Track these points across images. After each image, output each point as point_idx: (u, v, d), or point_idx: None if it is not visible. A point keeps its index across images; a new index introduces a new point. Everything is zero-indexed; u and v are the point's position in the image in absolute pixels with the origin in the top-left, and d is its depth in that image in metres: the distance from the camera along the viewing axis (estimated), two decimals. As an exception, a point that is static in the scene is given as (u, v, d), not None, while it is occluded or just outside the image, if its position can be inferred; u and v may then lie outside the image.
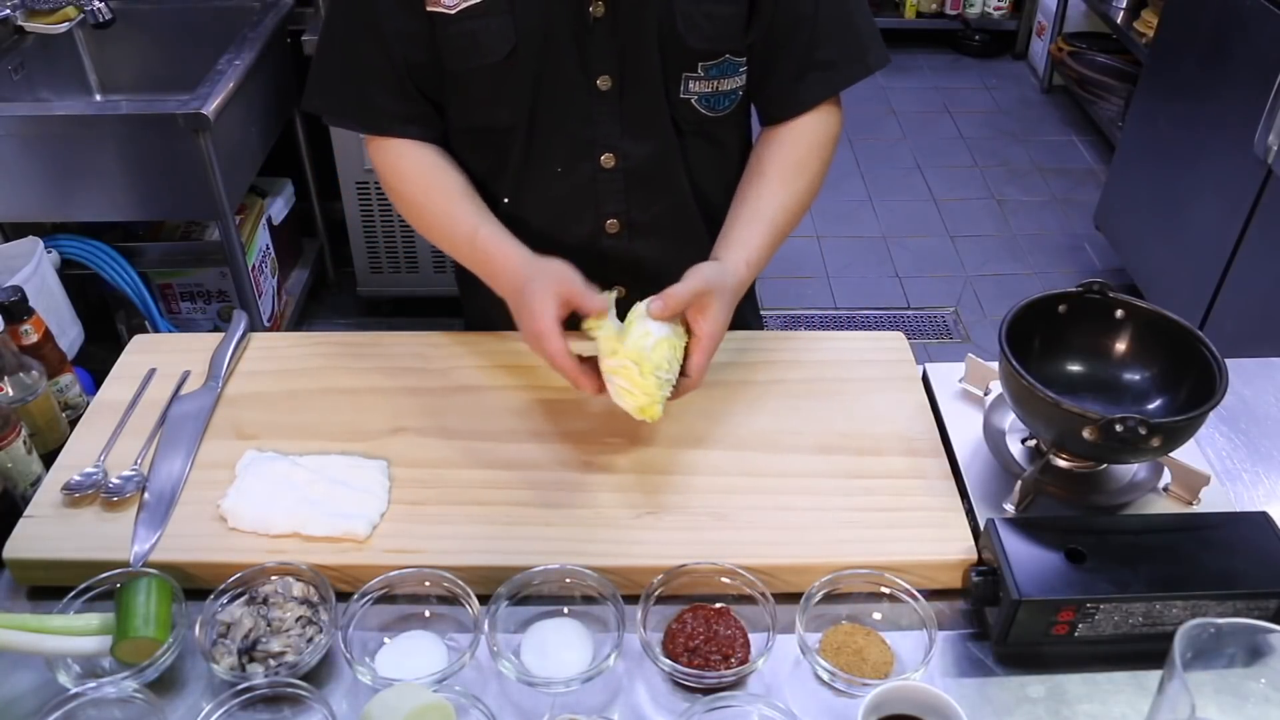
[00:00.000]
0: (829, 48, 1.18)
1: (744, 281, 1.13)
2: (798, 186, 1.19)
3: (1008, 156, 3.92)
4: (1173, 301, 2.76)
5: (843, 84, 1.21)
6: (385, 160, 1.21)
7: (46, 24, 2.41)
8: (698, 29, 1.12)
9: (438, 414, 1.17)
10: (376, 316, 3.04)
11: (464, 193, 1.19)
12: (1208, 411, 0.97)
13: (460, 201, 1.18)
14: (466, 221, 1.16)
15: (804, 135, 1.21)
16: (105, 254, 2.38)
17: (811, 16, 1.16)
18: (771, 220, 1.17)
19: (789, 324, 3.06)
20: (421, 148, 1.20)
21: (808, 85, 1.19)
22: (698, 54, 1.14)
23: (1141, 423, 0.93)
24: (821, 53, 1.18)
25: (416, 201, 1.20)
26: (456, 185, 1.19)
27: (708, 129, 1.21)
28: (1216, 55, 2.59)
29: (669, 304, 1.03)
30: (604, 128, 1.17)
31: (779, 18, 1.15)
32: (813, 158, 1.21)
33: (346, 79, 1.19)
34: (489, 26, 1.10)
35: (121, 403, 1.18)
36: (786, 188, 1.19)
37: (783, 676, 0.94)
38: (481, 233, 1.15)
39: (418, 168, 1.19)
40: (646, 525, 1.03)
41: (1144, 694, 0.91)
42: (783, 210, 1.18)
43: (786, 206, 1.18)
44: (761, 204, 1.17)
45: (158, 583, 0.95)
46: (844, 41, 1.19)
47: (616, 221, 1.24)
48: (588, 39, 1.11)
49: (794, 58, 1.18)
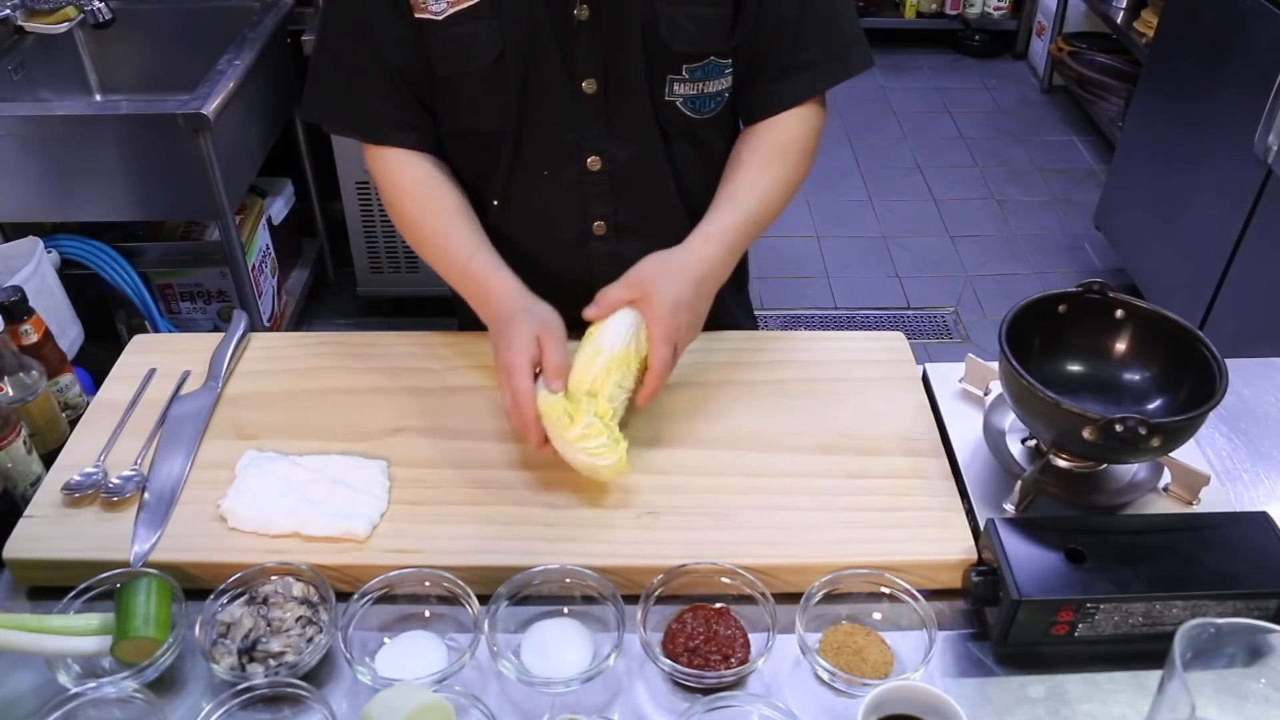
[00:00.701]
0: (813, 49, 1.18)
1: (706, 257, 1.12)
2: (774, 171, 1.19)
3: (1008, 156, 3.92)
4: (1173, 301, 2.76)
5: (824, 85, 1.20)
6: (383, 172, 1.21)
7: (46, 24, 2.41)
8: (681, 31, 1.12)
9: (438, 414, 1.17)
10: (376, 316, 3.04)
11: (460, 213, 1.20)
12: (1208, 411, 0.97)
13: (456, 222, 1.19)
14: (463, 245, 1.17)
15: (784, 129, 1.21)
16: (105, 254, 2.38)
17: (796, 18, 1.16)
18: (744, 200, 1.16)
19: (789, 324, 3.05)
20: (419, 160, 1.21)
21: (789, 86, 1.19)
22: (681, 56, 1.15)
23: (1141, 423, 0.93)
24: (805, 54, 1.18)
25: (413, 219, 1.21)
26: (453, 204, 1.20)
27: (693, 131, 1.22)
28: (1216, 55, 2.59)
29: (600, 303, 1.06)
30: (589, 131, 1.18)
31: (763, 19, 1.15)
32: (792, 148, 1.20)
33: (343, 88, 1.19)
34: (476, 32, 1.11)
35: (121, 403, 1.18)
36: (764, 171, 1.18)
37: (783, 676, 0.94)
38: (477, 259, 1.16)
39: (415, 183, 1.20)
40: (646, 525, 1.03)
41: (1144, 694, 0.91)
42: (756, 190, 1.17)
43: (760, 187, 1.17)
44: (733, 186, 1.18)
45: (158, 583, 0.95)
46: (828, 43, 1.19)
47: (603, 224, 1.24)
48: (572, 42, 1.12)
49: (777, 59, 1.18)
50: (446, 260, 1.19)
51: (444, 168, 1.23)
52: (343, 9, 1.16)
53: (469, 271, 1.16)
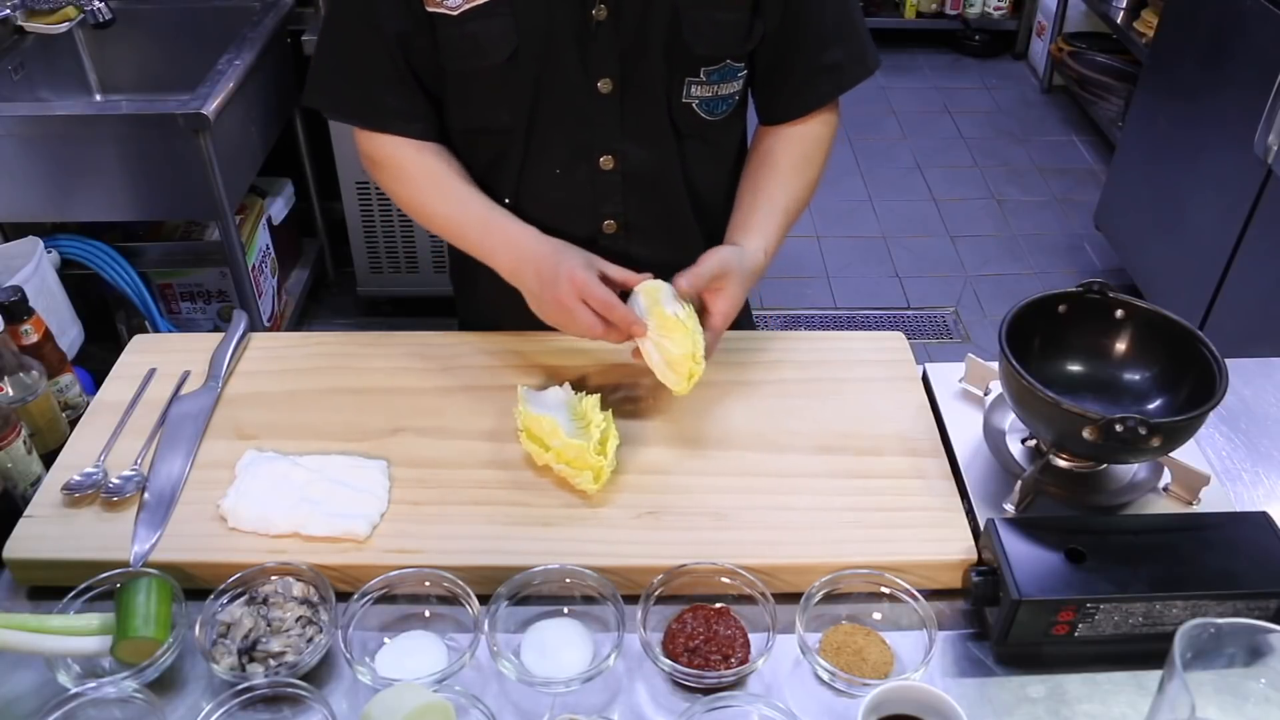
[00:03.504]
0: (835, 50, 1.19)
1: (761, 269, 1.17)
2: (807, 178, 1.23)
3: (1008, 156, 3.92)
4: (1173, 301, 2.76)
5: (849, 85, 1.22)
6: (389, 158, 1.20)
7: (46, 24, 2.40)
8: (703, 35, 1.13)
9: (438, 414, 1.17)
10: (376, 316, 3.03)
11: (469, 184, 1.21)
12: (1208, 412, 0.97)
13: (470, 189, 1.20)
14: (477, 207, 1.18)
15: (810, 132, 1.23)
16: (105, 254, 2.38)
17: (819, 20, 1.17)
18: (785, 210, 1.20)
19: (789, 324, 3.05)
20: (422, 147, 1.20)
21: (815, 87, 1.21)
22: (701, 59, 1.15)
23: (1141, 422, 0.93)
24: (829, 55, 1.19)
25: (421, 199, 1.21)
26: (464, 176, 1.21)
27: (705, 132, 1.22)
28: (1216, 55, 2.59)
29: (693, 282, 1.09)
30: (603, 130, 1.17)
31: (787, 21, 1.16)
32: (818, 154, 1.24)
33: (349, 76, 1.19)
34: (491, 28, 1.10)
35: (121, 403, 1.18)
36: (798, 178, 1.22)
37: (783, 676, 0.94)
38: (495, 216, 1.18)
39: (422, 170, 1.20)
40: (646, 525, 1.03)
41: (1144, 694, 0.91)
42: (795, 201, 1.22)
43: (798, 198, 1.22)
44: (777, 194, 1.20)
45: (158, 583, 0.95)
46: (849, 43, 1.20)
47: (614, 223, 1.24)
48: (590, 42, 1.11)
49: (803, 61, 1.19)
50: (462, 222, 1.20)
51: (450, 155, 1.22)
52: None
53: (489, 227, 1.17)
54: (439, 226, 1.23)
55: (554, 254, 1.12)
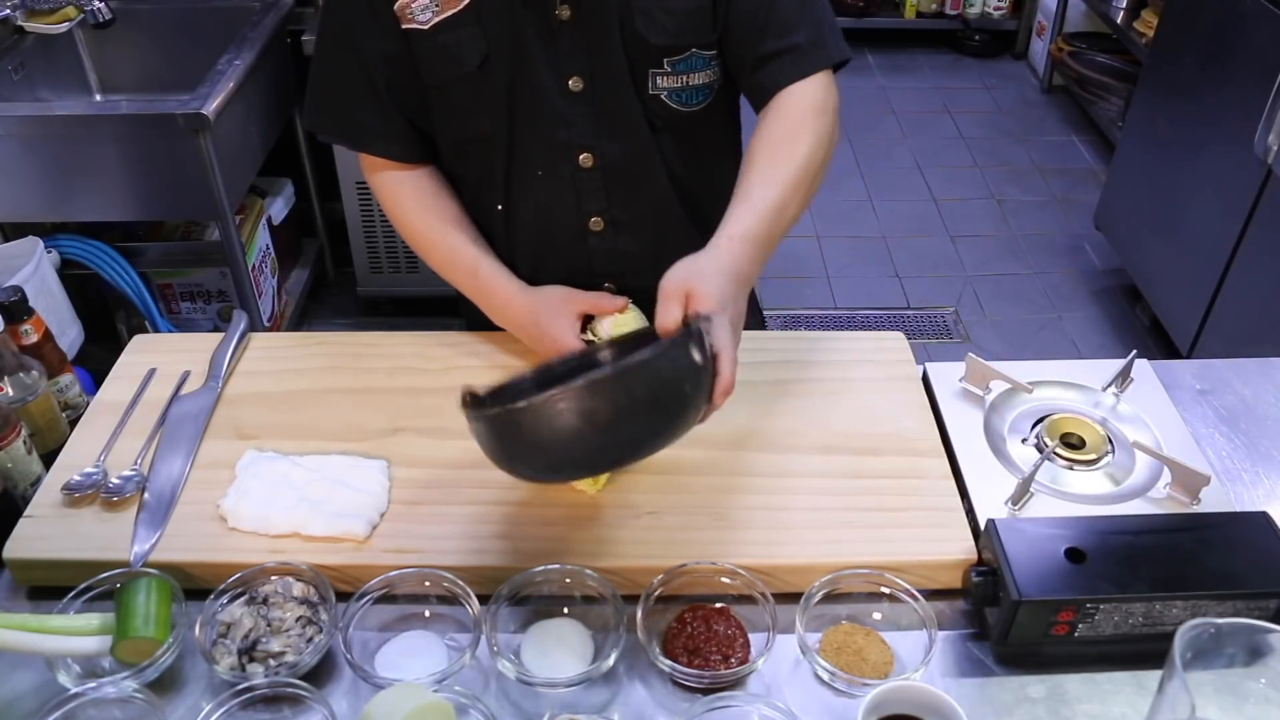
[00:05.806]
0: (796, 34, 1.16)
1: (738, 255, 1.06)
2: (785, 159, 1.14)
3: (1008, 156, 3.91)
4: (1173, 301, 2.77)
5: (810, 69, 1.17)
6: (381, 183, 1.26)
7: (46, 24, 2.40)
8: (658, 26, 1.13)
9: (438, 414, 1.17)
10: (376, 316, 3.03)
11: (460, 222, 1.26)
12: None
13: (458, 233, 1.25)
14: (467, 254, 1.24)
15: (785, 113, 1.17)
16: (105, 254, 2.37)
17: (768, 6, 1.14)
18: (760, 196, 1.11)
19: (789, 324, 3.05)
20: (415, 174, 1.25)
21: (770, 72, 1.17)
22: (661, 50, 1.15)
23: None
24: (788, 39, 1.16)
25: (417, 230, 1.26)
26: (452, 215, 1.25)
27: (682, 124, 1.22)
28: (1216, 55, 2.59)
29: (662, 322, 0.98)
30: (579, 128, 1.19)
31: (738, 6, 1.14)
32: (801, 129, 1.16)
33: (335, 98, 1.23)
34: (461, 38, 1.13)
35: (121, 403, 1.18)
36: (772, 162, 1.15)
37: (783, 676, 0.94)
38: (482, 268, 1.23)
39: (415, 196, 1.25)
40: (646, 525, 1.03)
41: (1144, 694, 0.91)
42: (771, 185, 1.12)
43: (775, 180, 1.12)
44: (746, 183, 1.14)
45: (158, 583, 0.95)
46: (810, 29, 1.16)
47: (600, 219, 1.25)
48: (556, 42, 1.13)
49: (755, 45, 1.16)
50: (454, 271, 1.26)
51: (439, 178, 1.27)
52: (333, 21, 1.19)
53: (477, 282, 1.24)
54: (433, 265, 1.28)
55: (532, 314, 1.19)
